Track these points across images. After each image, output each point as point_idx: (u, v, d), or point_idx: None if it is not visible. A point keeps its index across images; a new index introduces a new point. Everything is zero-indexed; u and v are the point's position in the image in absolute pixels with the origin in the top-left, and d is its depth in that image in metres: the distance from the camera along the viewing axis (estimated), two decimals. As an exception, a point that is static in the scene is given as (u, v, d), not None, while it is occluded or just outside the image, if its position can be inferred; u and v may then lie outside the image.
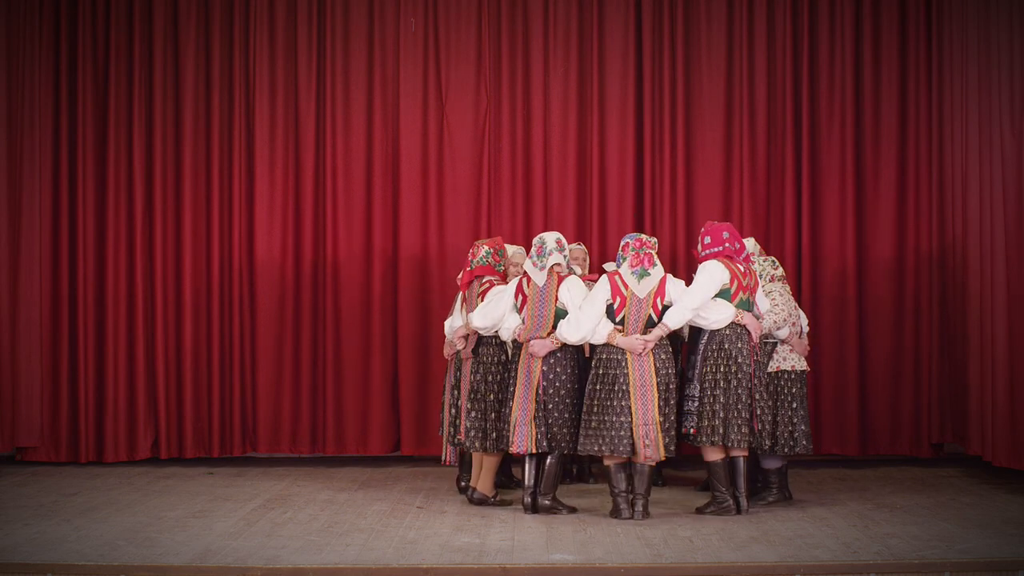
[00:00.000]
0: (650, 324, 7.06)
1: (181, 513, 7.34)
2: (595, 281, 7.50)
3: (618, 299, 7.11)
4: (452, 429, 7.72)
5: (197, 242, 9.41)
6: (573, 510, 7.34)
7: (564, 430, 7.25)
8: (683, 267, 9.09)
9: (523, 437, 7.20)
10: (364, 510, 7.47)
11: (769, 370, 7.50)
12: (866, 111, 9.39)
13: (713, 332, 7.15)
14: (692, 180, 9.41)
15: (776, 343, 7.54)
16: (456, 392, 7.72)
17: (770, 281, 7.63)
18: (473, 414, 7.54)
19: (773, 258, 7.78)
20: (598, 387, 7.09)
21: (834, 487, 8.25)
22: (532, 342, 7.24)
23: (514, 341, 7.37)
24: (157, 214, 9.39)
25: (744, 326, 7.12)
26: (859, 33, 9.41)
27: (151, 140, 9.40)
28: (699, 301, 7.07)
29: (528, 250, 7.62)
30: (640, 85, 9.43)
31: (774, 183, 9.41)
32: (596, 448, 7.04)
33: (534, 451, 7.21)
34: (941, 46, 9.21)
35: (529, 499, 7.33)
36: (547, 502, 7.31)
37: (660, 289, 7.12)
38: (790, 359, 7.54)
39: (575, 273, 7.55)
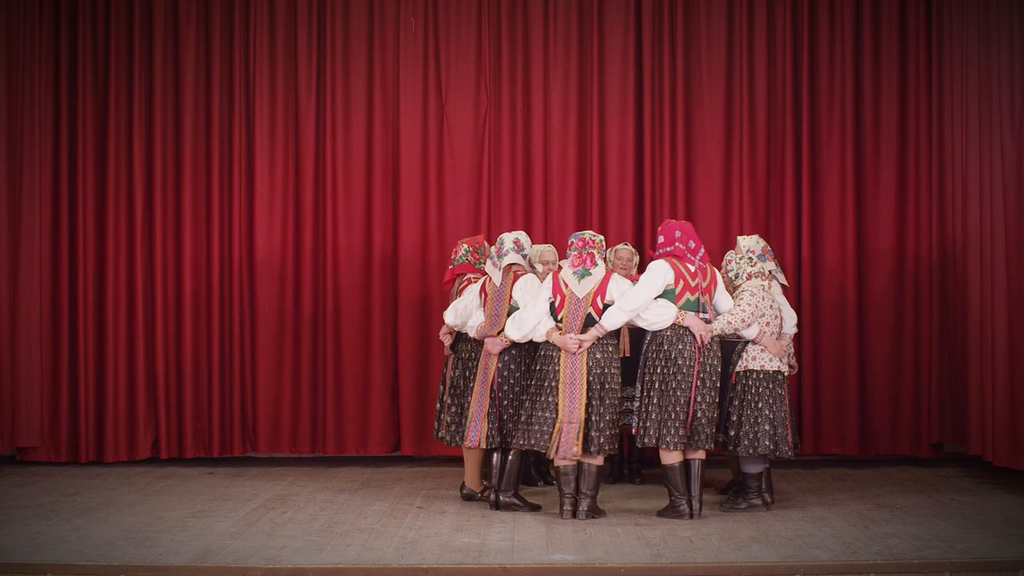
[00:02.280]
0: (592, 323, 7.08)
1: (181, 513, 7.34)
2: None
3: (559, 298, 7.17)
4: (436, 423, 7.87)
5: (197, 242, 9.41)
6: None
7: (514, 423, 7.33)
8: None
9: (476, 432, 7.38)
10: (364, 510, 7.47)
11: (737, 370, 7.32)
12: (866, 111, 9.39)
13: (655, 333, 7.10)
14: (692, 180, 9.41)
15: (747, 343, 7.33)
16: (442, 388, 7.89)
17: (746, 279, 7.44)
18: (452, 408, 7.70)
19: (751, 255, 7.53)
20: (533, 383, 7.20)
21: (834, 487, 8.25)
22: (486, 340, 7.42)
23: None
24: (157, 214, 9.39)
25: (687, 327, 7.04)
26: (859, 33, 9.41)
27: (151, 140, 9.40)
28: (637, 302, 7.02)
29: (563, 250, 7.72)
30: (640, 85, 9.43)
31: (774, 183, 9.41)
32: (522, 442, 7.14)
33: (484, 447, 7.40)
34: (941, 46, 9.21)
35: (493, 496, 7.44)
36: (506, 499, 7.38)
37: (601, 288, 7.13)
38: (760, 359, 7.29)
39: (535, 272, 7.64)
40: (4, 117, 9.19)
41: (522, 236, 7.66)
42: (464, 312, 7.64)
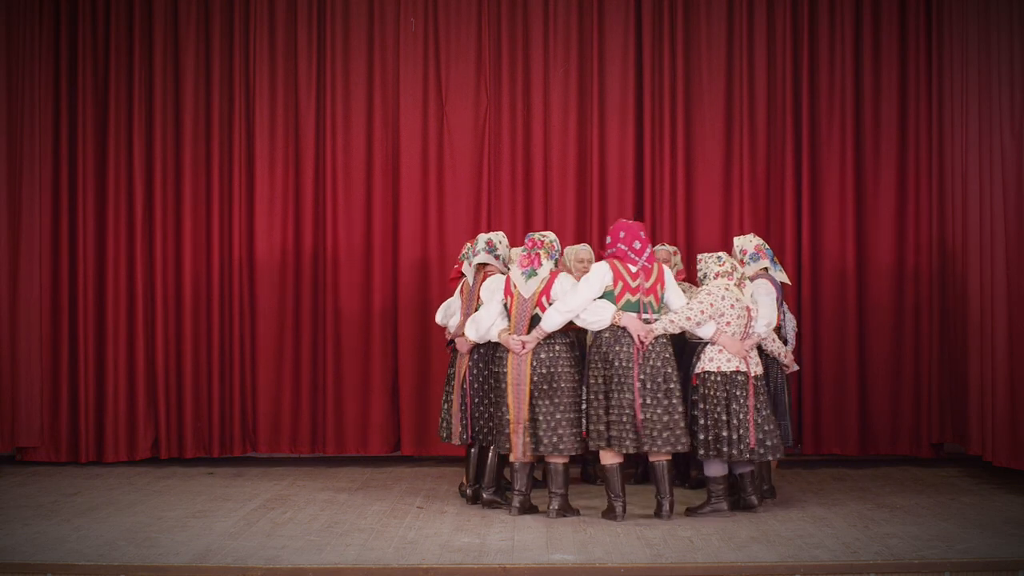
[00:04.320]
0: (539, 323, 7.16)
1: (181, 513, 7.34)
2: (684, 281, 8.00)
3: (508, 299, 7.25)
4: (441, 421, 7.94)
5: (197, 242, 9.41)
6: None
7: (490, 424, 7.44)
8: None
9: (455, 429, 7.57)
10: (364, 510, 7.47)
11: (696, 372, 7.18)
12: (866, 111, 9.39)
13: (596, 334, 7.08)
14: (692, 180, 9.41)
15: (706, 344, 7.16)
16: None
17: (714, 278, 7.24)
18: (446, 406, 7.78)
19: (720, 254, 7.37)
20: (490, 384, 7.36)
21: (834, 487, 8.25)
22: (456, 339, 7.61)
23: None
24: (157, 214, 9.39)
25: (624, 328, 7.00)
26: (859, 33, 9.41)
27: (151, 140, 9.40)
28: (574, 303, 7.01)
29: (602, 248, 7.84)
30: (640, 85, 9.43)
31: (774, 183, 9.41)
32: (493, 444, 7.30)
33: (456, 443, 7.57)
34: (941, 46, 9.21)
35: (470, 491, 7.58)
36: (487, 495, 7.48)
37: (546, 288, 7.16)
38: (717, 360, 7.09)
39: (506, 271, 7.69)
40: (4, 117, 9.19)
41: (495, 236, 7.74)
42: (449, 311, 7.81)
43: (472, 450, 7.61)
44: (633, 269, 7.09)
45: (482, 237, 7.75)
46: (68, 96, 9.33)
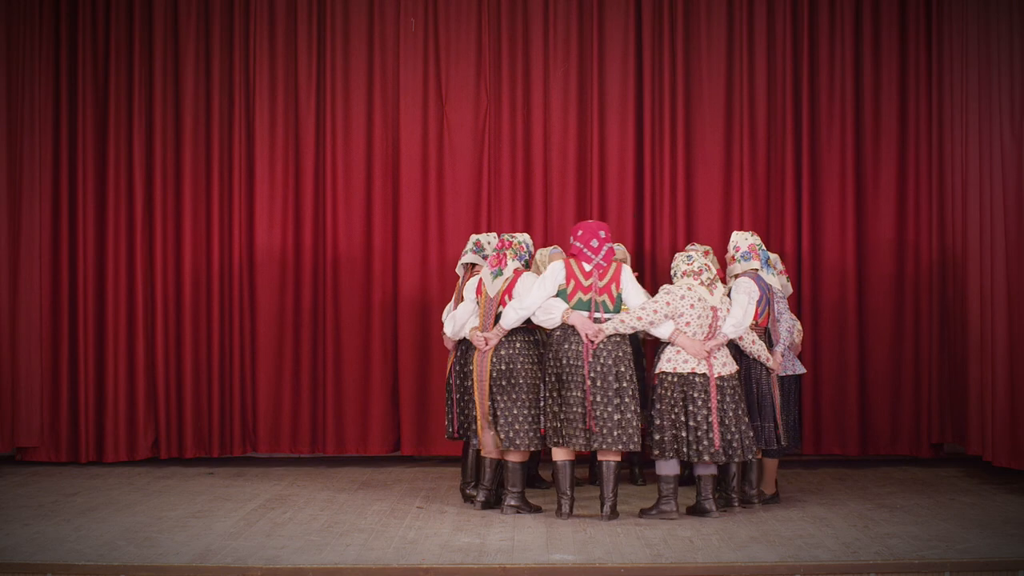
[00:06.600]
0: None
1: (181, 513, 7.34)
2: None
3: (479, 297, 7.41)
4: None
5: (197, 243, 9.41)
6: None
7: (468, 419, 7.60)
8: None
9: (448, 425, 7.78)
10: (364, 510, 7.47)
11: (656, 372, 7.12)
12: (866, 111, 9.39)
13: (550, 333, 7.17)
14: (692, 180, 9.41)
15: (666, 344, 7.10)
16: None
17: (682, 276, 7.16)
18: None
19: (690, 253, 7.26)
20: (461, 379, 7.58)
21: (834, 487, 8.26)
22: (444, 337, 7.79)
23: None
24: (157, 214, 9.39)
25: (573, 326, 7.04)
26: (859, 33, 9.41)
27: (151, 140, 9.41)
28: (528, 302, 7.11)
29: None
30: (640, 85, 9.43)
31: (774, 183, 9.41)
32: (474, 441, 7.51)
33: (450, 438, 7.75)
34: (941, 46, 9.21)
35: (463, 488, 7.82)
36: (468, 490, 7.70)
37: (509, 287, 7.28)
38: (674, 361, 7.02)
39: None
40: (4, 117, 9.19)
41: (484, 237, 7.89)
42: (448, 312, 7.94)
43: (468, 448, 7.74)
44: (587, 268, 7.17)
45: (472, 238, 7.92)
46: (68, 96, 9.33)
